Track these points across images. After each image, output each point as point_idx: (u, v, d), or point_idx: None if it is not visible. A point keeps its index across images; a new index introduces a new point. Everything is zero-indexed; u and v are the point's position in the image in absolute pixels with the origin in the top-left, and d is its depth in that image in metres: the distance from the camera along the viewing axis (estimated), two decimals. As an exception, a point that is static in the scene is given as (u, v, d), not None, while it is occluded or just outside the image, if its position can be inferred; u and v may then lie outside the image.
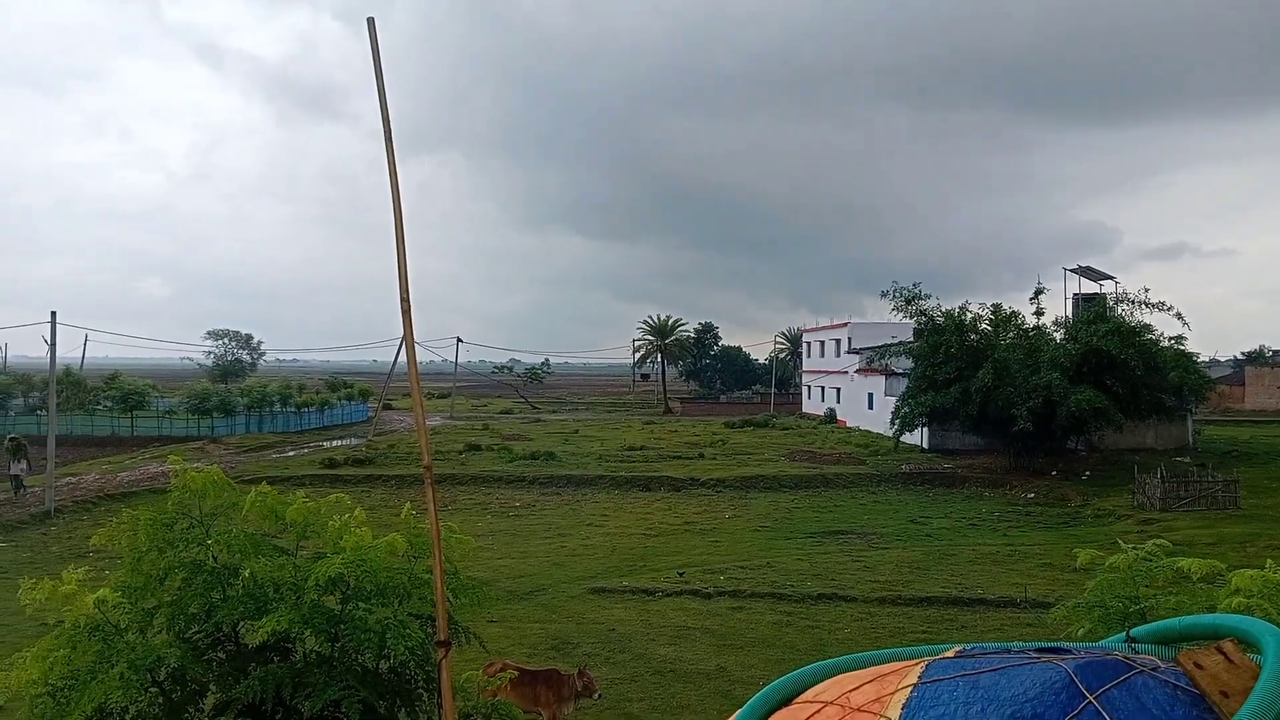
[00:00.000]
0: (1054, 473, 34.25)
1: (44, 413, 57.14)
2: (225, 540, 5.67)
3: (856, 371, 58.05)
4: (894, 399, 41.11)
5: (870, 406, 54.71)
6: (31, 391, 67.29)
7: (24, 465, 32.04)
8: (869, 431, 50.93)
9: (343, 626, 5.39)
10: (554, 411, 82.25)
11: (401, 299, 3.26)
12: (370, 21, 3.17)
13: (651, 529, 26.03)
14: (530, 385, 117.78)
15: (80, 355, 75.60)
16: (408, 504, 7.14)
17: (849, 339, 62.45)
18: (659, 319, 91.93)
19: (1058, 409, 32.25)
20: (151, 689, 5.19)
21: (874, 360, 48.89)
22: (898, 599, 18.39)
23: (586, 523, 27.04)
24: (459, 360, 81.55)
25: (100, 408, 64.39)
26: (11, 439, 33.17)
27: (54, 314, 30.94)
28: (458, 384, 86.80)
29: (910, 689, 1.51)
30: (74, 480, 35.68)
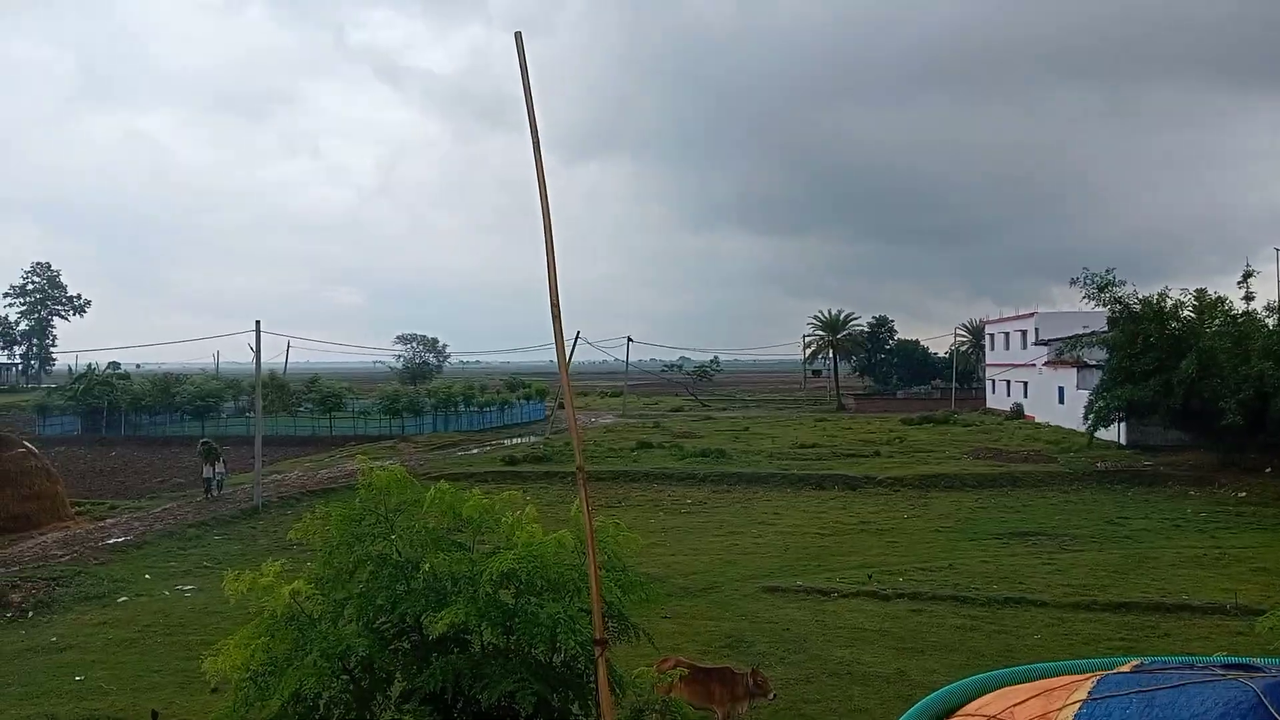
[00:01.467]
0: (1269, 470, 31.47)
1: (252, 415, 61.88)
2: (408, 535, 5.96)
3: (1045, 364, 55.30)
4: (1087, 393, 38.94)
5: (1061, 401, 52.04)
6: (240, 395, 72.97)
7: (216, 468, 33.13)
8: (1060, 428, 48.46)
9: (516, 620, 5.56)
10: (724, 409, 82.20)
11: (552, 305, 3.33)
12: (518, 36, 3.26)
13: (825, 528, 25.61)
14: (700, 383, 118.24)
15: (283, 361, 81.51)
16: (576, 501, 7.29)
17: (1036, 330, 59.62)
18: (830, 314, 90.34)
19: (1271, 401, 29.68)
20: (343, 676, 5.51)
21: (1064, 352, 46.38)
22: (1093, 604, 17.36)
23: (758, 521, 26.88)
24: (630, 359, 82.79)
25: (302, 410, 69.15)
26: (204, 443, 34.59)
27: (258, 323, 33.37)
28: (629, 382, 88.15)
29: (1079, 705, 1.42)
30: (279, 478, 38.39)
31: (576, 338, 63.22)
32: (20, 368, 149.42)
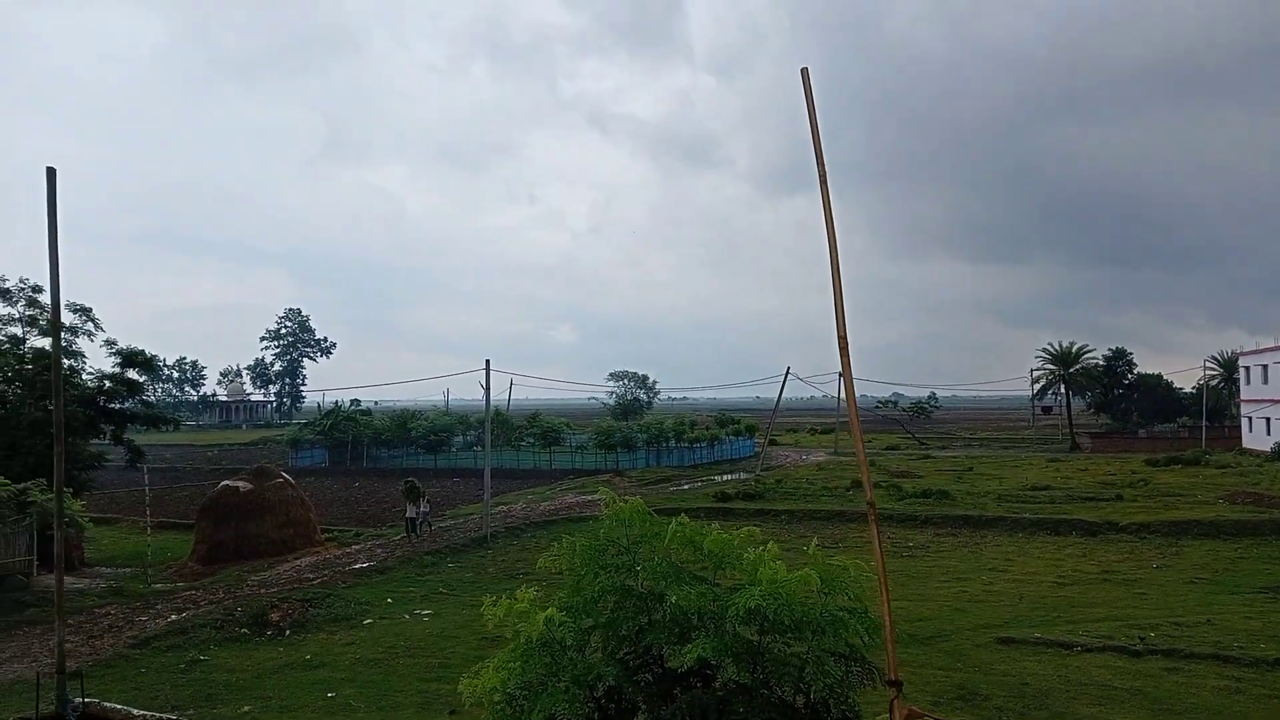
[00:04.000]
0: None
1: (479, 449, 65.09)
2: (650, 567, 6.04)
3: (1311, 400, 49.82)
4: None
5: (1332, 441, 46.67)
6: (468, 430, 77.07)
7: (420, 508, 33.35)
8: (1332, 471, 43.41)
9: (762, 658, 5.50)
10: (943, 447, 78.94)
11: (839, 338, 3.27)
12: (804, 72, 3.27)
13: (1064, 577, 23.95)
14: (916, 420, 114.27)
15: (507, 397, 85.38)
16: (814, 539, 7.19)
17: (1300, 362, 53.92)
18: (1060, 346, 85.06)
19: None
20: (590, 704, 5.62)
21: (1335, 386, 41.60)
22: (1388, 672, 15.29)
23: (988, 567, 25.50)
24: (841, 395, 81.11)
25: (524, 444, 72.17)
26: (407, 482, 35.23)
27: (488, 361, 35.29)
28: (840, 419, 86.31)
29: None
30: (505, 509, 40.09)
31: (786, 373, 62.67)
32: (274, 405, 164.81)
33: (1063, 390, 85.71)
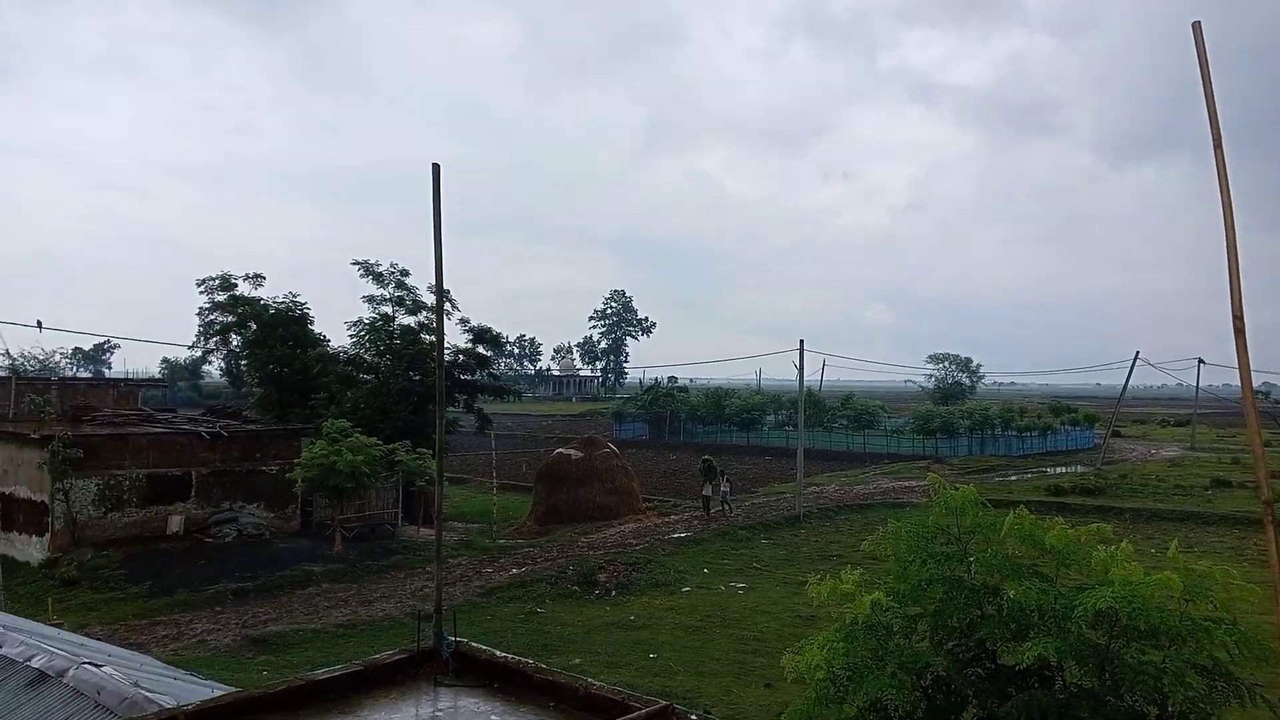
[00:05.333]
0: None
1: (791, 429, 65.34)
2: (984, 560, 5.78)
3: None
4: None
5: None
6: (780, 409, 77.60)
7: (719, 487, 33.13)
8: None
9: (1111, 663, 5.10)
10: (1329, 447, 68.47)
11: (1235, 317, 2.95)
12: (1195, 26, 2.98)
13: None
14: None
15: (819, 378, 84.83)
16: (1174, 541, 6.55)
17: None
18: None
19: None
20: (916, 691, 5.49)
21: None
22: None
23: (1385, 586, 21.90)
24: (1200, 384, 72.72)
25: (836, 425, 71.49)
26: (705, 460, 35.11)
27: (801, 342, 35.22)
28: (1198, 410, 77.50)
29: None
30: (817, 490, 39.96)
31: (1135, 359, 57.12)
32: (600, 380, 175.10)
33: None
